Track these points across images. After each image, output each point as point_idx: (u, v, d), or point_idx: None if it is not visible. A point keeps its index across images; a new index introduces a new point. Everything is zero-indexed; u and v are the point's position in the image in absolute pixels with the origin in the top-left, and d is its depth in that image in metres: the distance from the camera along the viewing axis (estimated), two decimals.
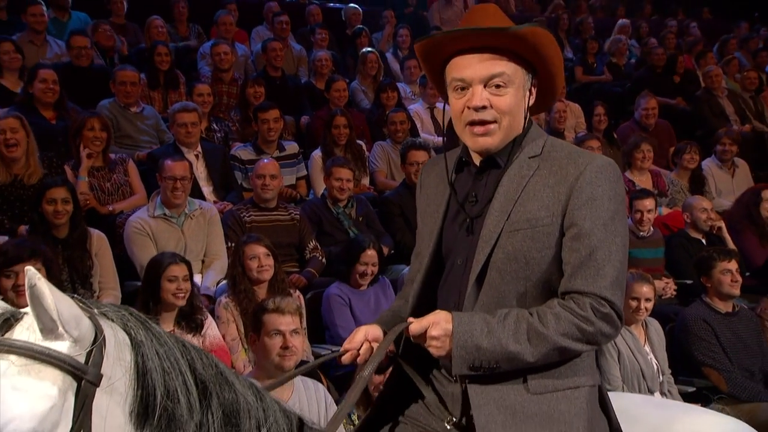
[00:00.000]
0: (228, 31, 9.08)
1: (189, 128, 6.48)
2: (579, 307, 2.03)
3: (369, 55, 8.94)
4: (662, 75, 10.40)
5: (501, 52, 2.11)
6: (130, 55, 8.42)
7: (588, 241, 2.05)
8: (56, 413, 1.55)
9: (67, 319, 1.57)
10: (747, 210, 7.01)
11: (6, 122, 5.64)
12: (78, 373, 1.58)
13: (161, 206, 5.64)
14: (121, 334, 1.71)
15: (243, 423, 1.85)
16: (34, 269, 1.54)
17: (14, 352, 1.56)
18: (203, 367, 1.82)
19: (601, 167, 2.11)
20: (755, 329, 5.44)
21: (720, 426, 2.64)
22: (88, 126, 6.10)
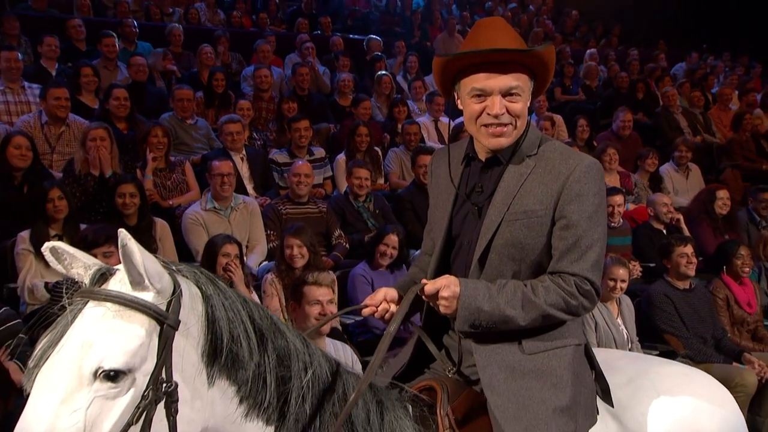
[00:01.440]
0: (266, 57, 9.12)
1: (234, 136, 6.57)
2: (566, 284, 2.08)
3: (383, 77, 8.99)
4: (626, 95, 10.43)
5: (514, 66, 2.11)
6: (184, 78, 8.47)
7: (575, 231, 2.09)
8: (144, 350, 1.59)
9: (152, 274, 1.61)
10: (704, 206, 7.06)
11: (96, 132, 5.72)
12: (161, 318, 1.62)
13: (211, 200, 5.72)
14: (194, 288, 1.74)
15: (293, 365, 1.87)
16: (126, 231, 1.59)
17: (110, 300, 1.60)
18: (260, 317, 1.84)
19: (588, 167, 2.13)
20: (708, 303, 5.50)
21: (685, 373, 2.64)
22: (152, 134, 6.18)
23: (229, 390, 1.76)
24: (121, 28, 9.02)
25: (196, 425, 1.70)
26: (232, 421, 1.78)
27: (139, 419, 1.56)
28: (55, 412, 1.49)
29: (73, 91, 7.09)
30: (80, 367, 1.53)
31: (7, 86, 6.95)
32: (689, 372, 2.66)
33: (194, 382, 1.69)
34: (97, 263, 1.70)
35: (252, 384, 1.78)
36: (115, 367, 1.53)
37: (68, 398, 1.50)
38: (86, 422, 1.50)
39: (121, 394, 1.55)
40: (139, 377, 1.58)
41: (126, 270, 1.61)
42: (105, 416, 1.53)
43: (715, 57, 14.47)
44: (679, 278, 5.42)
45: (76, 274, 1.69)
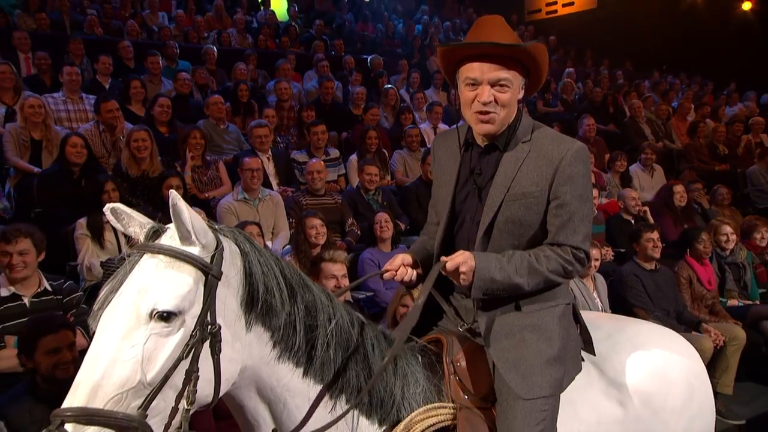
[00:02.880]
0: (287, 73, 9.13)
1: (263, 138, 6.58)
2: (564, 253, 2.08)
3: (390, 90, 9.00)
4: (599, 107, 10.40)
5: (506, 60, 2.05)
6: (218, 90, 8.46)
7: (568, 209, 2.08)
8: (192, 296, 1.61)
9: (198, 230, 1.63)
10: (665, 200, 7.07)
11: (138, 134, 5.72)
12: (206, 269, 1.64)
13: (242, 192, 5.72)
14: (233, 246, 1.75)
15: (319, 315, 1.87)
16: (176, 192, 1.61)
17: (162, 253, 1.63)
18: (290, 274, 1.85)
19: (578, 152, 2.10)
20: (671, 282, 5.48)
21: (656, 330, 2.66)
22: (191, 136, 6.20)
23: (264, 335, 1.77)
24: (164, 49, 9.03)
25: (236, 364, 1.72)
26: (267, 362, 1.79)
27: (188, 355, 1.58)
28: (117, 346, 1.53)
29: (123, 101, 7.14)
30: (138, 308, 1.56)
31: (68, 96, 6.98)
32: (660, 329, 2.69)
33: (234, 326, 1.70)
34: (150, 222, 1.72)
35: (284, 330, 1.80)
36: (167, 309, 1.56)
37: (128, 335, 1.54)
38: (143, 355, 1.53)
39: (173, 332, 1.58)
40: (188, 319, 1.60)
41: (176, 226, 1.63)
42: (159, 351, 1.56)
43: (673, 76, 14.44)
44: (647, 260, 5.40)
45: (132, 232, 1.72)
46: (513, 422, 1.98)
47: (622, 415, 2.31)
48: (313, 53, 10.63)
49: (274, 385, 1.82)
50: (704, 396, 2.57)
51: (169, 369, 1.55)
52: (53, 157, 5.84)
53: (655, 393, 2.38)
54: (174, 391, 1.58)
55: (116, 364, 1.51)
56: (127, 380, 1.51)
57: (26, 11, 9.57)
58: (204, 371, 1.62)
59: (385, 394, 1.97)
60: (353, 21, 14.11)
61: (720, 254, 6.02)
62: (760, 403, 5.37)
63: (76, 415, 1.46)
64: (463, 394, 2.08)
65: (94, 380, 1.50)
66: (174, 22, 11.06)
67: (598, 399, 2.30)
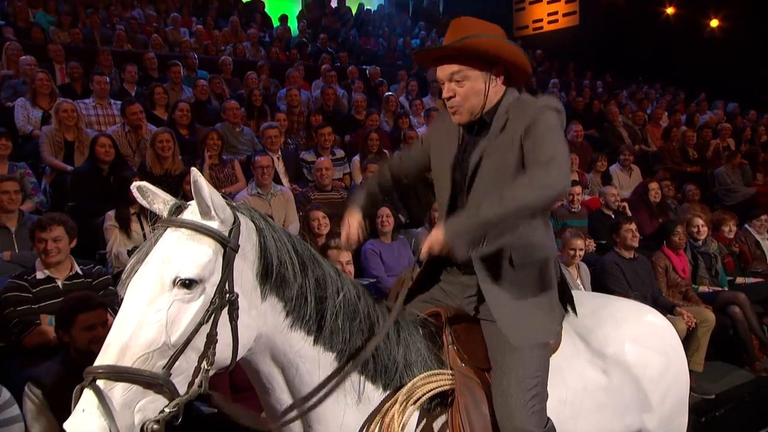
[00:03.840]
0: (296, 82, 9.10)
1: (273, 139, 6.53)
2: (533, 171, 1.87)
3: (390, 97, 8.97)
4: (581, 114, 10.38)
5: (459, 57, 2.04)
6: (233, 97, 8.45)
7: (540, 146, 1.91)
8: (212, 265, 1.60)
9: (217, 206, 1.62)
10: (641, 196, 7.06)
11: (162, 135, 5.72)
12: (224, 241, 1.63)
13: (255, 187, 5.68)
14: (249, 222, 1.73)
15: (328, 287, 1.86)
16: (197, 170, 1.59)
17: (184, 226, 1.63)
18: (301, 249, 1.83)
19: (546, 103, 2.00)
20: (648, 270, 5.46)
21: (635, 306, 2.67)
22: (210, 137, 6.16)
23: (277, 305, 1.76)
24: (184, 60, 9.00)
25: (252, 330, 1.71)
26: (280, 330, 1.78)
27: (209, 320, 1.58)
28: (144, 310, 1.53)
29: (148, 106, 7.14)
30: (162, 276, 1.56)
31: (98, 102, 7.01)
32: (640, 306, 2.70)
33: (250, 296, 1.69)
34: (173, 199, 1.72)
35: (296, 301, 1.78)
36: (189, 276, 1.56)
37: (153, 301, 1.54)
38: (167, 319, 1.53)
39: (194, 299, 1.58)
40: (208, 287, 1.59)
41: (196, 202, 1.62)
42: (182, 316, 1.56)
43: (648, 86, 14.43)
44: (626, 249, 5.39)
45: (157, 208, 1.72)
46: (508, 399, 1.97)
47: (605, 382, 2.31)
48: (320, 64, 10.61)
49: (287, 351, 1.81)
50: (679, 367, 2.57)
51: (191, 332, 1.55)
52: (84, 156, 5.85)
53: (635, 363, 2.39)
54: (196, 353, 1.58)
55: (143, 327, 1.51)
56: (153, 341, 1.51)
57: (61, 27, 9.60)
58: (223, 336, 1.62)
59: (389, 361, 1.96)
60: (357, 36, 14.10)
61: (693, 244, 6.01)
62: (727, 380, 5.37)
63: (106, 372, 1.47)
64: (460, 362, 2.07)
65: (123, 341, 1.50)
66: (194, 36, 11.05)
67: (584, 368, 2.29)
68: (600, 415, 2.27)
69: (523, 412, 1.94)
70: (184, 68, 8.64)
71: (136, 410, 1.49)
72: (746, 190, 8.66)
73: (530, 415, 1.95)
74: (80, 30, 9.75)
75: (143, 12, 11.46)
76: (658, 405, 2.44)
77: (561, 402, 2.16)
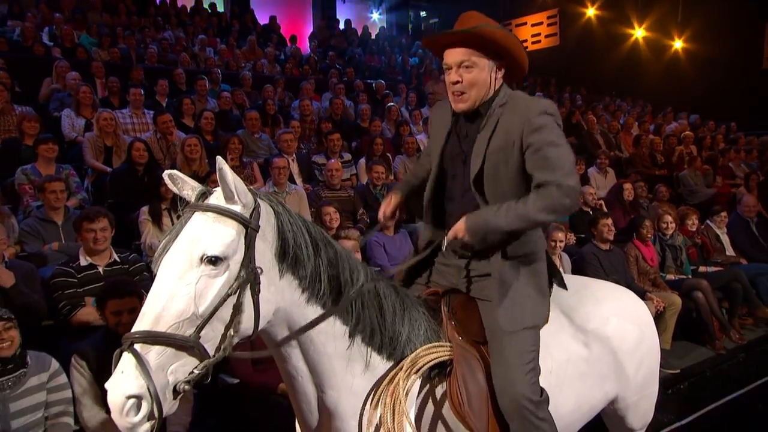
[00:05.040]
0: (308, 93, 9.08)
1: (288, 143, 6.50)
2: (546, 191, 1.87)
3: (392, 107, 8.93)
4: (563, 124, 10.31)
5: (468, 45, 1.97)
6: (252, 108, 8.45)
7: (541, 153, 1.89)
8: (235, 245, 1.58)
9: (240, 191, 1.60)
10: (616, 195, 7.04)
11: (190, 140, 5.72)
12: (246, 223, 1.60)
13: (272, 186, 5.65)
14: (268, 207, 1.71)
15: (340, 265, 1.83)
16: (222, 159, 1.57)
17: (210, 210, 1.60)
18: (315, 232, 1.81)
19: (543, 106, 1.95)
20: (622, 260, 5.45)
21: (613, 287, 2.67)
22: (231, 142, 6.12)
23: (293, 282, 1.74)
24: (209, 75, 8.98)
25: (272, 304, 1.69)
26: (298, 305, 1.76)
27: (234, 293, 1.57)
28: (175, 284, 1.52)
29: (177, 115, 7.13)
30: (191, 254, 1.55)
31: (133, 112, 7.01)
32: (617, 287, 2.70)
33: (270, 273, 1.67)
34: (200, 186, 1.69)
35: (310, 279, 1.76)
36: (215, 254, 1.54)
37: (183, 275, 1.53)
38: (195, 292, 1.52)
39: (220, 274, 1.56)
40: (232, 264, 1.58)
41: (221, 187, 1.60)
42: (209, 289, 1.54)
43: (621, 99, 14.40)
44: (603, 242, 5.37)
45: (186, 194, 1.69)
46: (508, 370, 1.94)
47: (587, 354, 2.30)
48: (329, 78, 10.59)
49: (302, 324, 1.79)
50: (652, 341, 2.57)
51: (217, 303, 1.54)
52: (121, 159, 5.87)
53: (613, 337, 2.38)
54: (221, 323, 1.56)
55: (174, 299, 1.50)
56: (183, 312, 1.50)
57: (101, 47, 9.62)
58: (246, 308, 1.60)
59: (393, 334, 1.94)
60: (362, 54, 14.07)
61: (662, 238, 6.00)
62: (691, 357, 5.41)
63: (143, 336, 1.46)
64: (458, 335, 2.06)
65: (156, 311, 1.49)
66: (218, 54, 11.03)
67: (568, 341, 2.28)
68: (581, 384, 2.26)
69: (524, 382, 1.93)
70: (209, 82, 8.64)
71: (169, 372, 1.48)
72: (707, 191, 8.65)
73: (530, 384, 1.94)
74: (118, 49, 9.75)
75: (173, 34, 11.45)
76: (633, 374, 2.44)
77: (547, 372, 2.15)
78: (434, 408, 1.97)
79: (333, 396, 1.87)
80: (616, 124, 10.87)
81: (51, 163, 5.16)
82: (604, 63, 14.62)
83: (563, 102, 12.28)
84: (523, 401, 1.91)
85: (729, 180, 9.45)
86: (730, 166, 9.93)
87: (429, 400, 1.97)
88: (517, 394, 1.92)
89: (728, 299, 6.01)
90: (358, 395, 1.89)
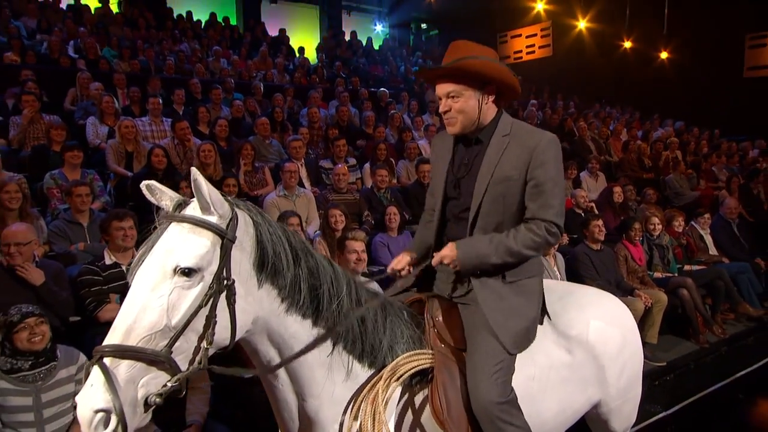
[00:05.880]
0: (316, 102, 9.09)
1: (297, 149, 6.51)
2: (537, 228, 1.93)
3: (395, 115, 8.92)
4: (555, 130, 10.30)
5: (454, 77, 1.97)
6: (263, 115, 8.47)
7: (542, 189, 1.92)
8: (209, 256, 1.51)
9: (215, 202, 1.52)
10: (606, 198, 7.04)
11: (206, 146, 5.76)
12: (222, 233, 1.53)
13: (283, 189, 5.66)
14: (247, 217, 1.63)
15: (321, 275, 1.76)
16: (196, 170, 1.51)
17: (185, 221, 1.53)
18: (295, 242, 1.72)
19: (549, 141, 1.96)
20: (612, 259, 5.45)
21: (598, 293, 2.56)
22: (244, 148, 6.18)
23: (272, 292, 1.66)
24: (223, 84, 9.01)
25: (249, 314, 1.62)
26: (277, 314, 1.68)
27: (207, 303, 1.49)
28: (147, 296, 1.45)
29: (193, 123, 7.15)
30: (164, 265, 1.47)
31: (152, 120, 7.04)
32: (601, 293, 2.57)
33: (247, 283, 1.60)
34: (178, 196, 1.62)
35: (289, 288, 1.68)
36: (188, 265, 1.47)
37: (156, 287, 1.46)
38: (168, 304, 1.45)
39: (193, 286, 1.48)
40: (206, 275, 1.50)
41: (197, 198, 1.53)
42: (182, 301, 1.47)
43: (610, 107, 14.38)
44: (594, 242, 5.36)
45: (164, 204, 1.61)
46: (476, 372, 1.89)
47: (569, 360, 2.22)
48: (335, 87, 10.60)
49: (282, 333, 1.71)
50: (635, 346, 2.47)
51: (190, 315, 1.46)
52: (141, 164, 5.89)
53: (596, 342, 2.29)
54: (195, 334, 1.49)
55: (146, 311, 1.43)
56: (155, 324, 1.43)
57: (122, 59, 9.67)
58: (221, 319, 1.53)
59: (375, 342, 1.86)
60: (366, 64, 14.08)
61: (650, 238, 6.00)
62: (676, 350, 5.42)
63: (112, 350, 1.39)
64: (440, 342, 1.99)
65: (128, 323, 1.42)
66: (231, 65, 11.07)
67: (551, 348, 2.19)
68: (564, 389, 2.19)
69: (488, 383, 1.86)
70: (222, 91, 8.66)
71: (139, 385, 1.41)
72: (692, 194, 8.66)
73: (494, 386, 1.86)
74: (138, 61, 9.80)
75: (189, 46, 11.48)
76: (616, 379, 2.35)
77: (530, 378, 2.08)
78: (414, 416, 1.90)
79: (314, 404, 1.80)
80: (605, 130, 10.87)
81: (77, 168, 5.20)
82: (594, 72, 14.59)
83: (556, 109, 12.27)
84: (487, 404, 1.84)
85: (712, 183, 9.45)
86: (713, 170, 9.92)
87: (409, 408, 1.90)
88: (481, 396, 1.85)
89: (711, 296, 6.02)
90: (339, 403, 1.82)
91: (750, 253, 6.76)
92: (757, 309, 6.21)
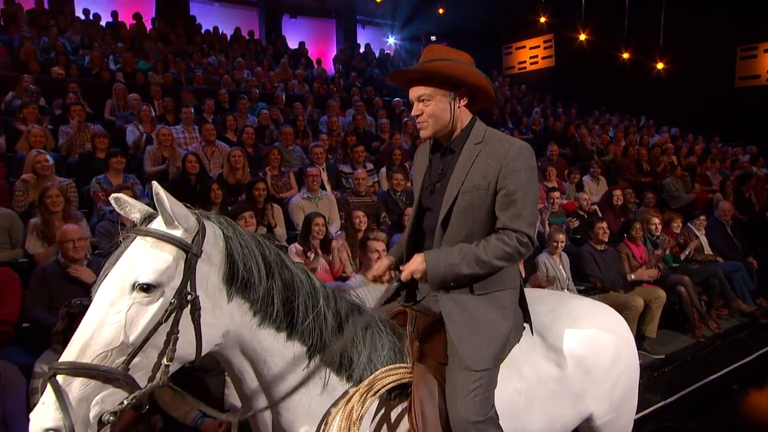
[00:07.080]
0: (334, 110, 9.11)
1: (319, 155, 6.57)
2: (508, 238, 1.75)
3: (408, 122, 8.87)
4: (558, 136, 10.27)
5: (424, 80, 1.82)
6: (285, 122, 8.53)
7: (513, 198, 1.75)
8: (171, 271, 1.40)
9: (178, 216, 1.42)
10: (607, 201, 7.01)
11: (235, 152, 5.82)
12: (185, 247, 1.42)
13: (306, 192, 5.73)
14: (217, 230, 1.52)
15: (296, 289, 1.63)
16: (158, 184, 1.40)
17: (149, 235, 1.43)
18: (269, 254, 1.59)
19: (520, 149, 1.78)
20: (615, 258, 5.44)
21: (592, 305, 2.31)
22: (271, 154, 6.23)
23: (244, 305, 1.55)
24: (248, 94, 9.08)
25: (217, 329, 1.51)
26: (249, 328, 1.57)
27: (168, 319, 1.39)
28: (105, 311, 1.35)
29: (221, 130, 7.24)
30: (123, 281, 1.38)
31: (185, 128, 7.12)
32: (596, 304, 2.33)
33: (215, 296, 1.49)
34: (147, 209, 1.51)
35: (262, 302, 1.56)
36: (146, 281, 1.37)
37: (114, 303, 1.36)
38: (126, 320, 1.35)
39: (153, 302, 1.38)
40: (167, 291, 1.40)
41: (160, 212, 1.43)
42: (140, 317, 1.37)
43: (610, 114, 14.30)
44: (598, 243, 5.36)
45: (134, 217, 1.50)
46: (454, 389, 1.75)
47: (558, 374, 2.03)
48: (351, 96, 10.62)
49: (255, 347, 1.59)
50: (630, 358, 2.24)
51: (149, 332, 1.36)
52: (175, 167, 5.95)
53: (587, 356, 2.09)
54: (156, 351, 1.38)
55: (103, 327, 1.33)
56: (112, 340, 1.33)
57: (156, 71, 9.80)
58: (185, 334, 1.42)
59: (354, 355, 1.73)
60: (380, 73, 14.11)
61: (650, 238, 5.98)
62: (674, 344, 5.42)
63: (66, 368, 1.30)
64: (421, 356, 1.83)
65: (84, 340, 1.33)
66: (255, 76, 11.14)
67: (539, 361, 2.01)
68: (552, 404, 2.01)
69: (466, 401, 1.71)
70: (248, 101, 8.73)
71: (93, 403, 1.31)
72: (687, 197, 8.58)
73: (472, 403, 1.70)
74: (170, 74, 9.92)
75: (216, 58, 11.59)
76: (609, 392, 2.15)
77: (516, 392, 1.92)
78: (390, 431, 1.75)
79: (288, 417, 1.67)
80: (605, 136, 10.81)
81: (119, 173, 5.30)
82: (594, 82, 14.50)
83: (559, 116, 12.22)
84: (464, 422, 1.69)
85: (706, 187, 9.37)
86: (707, 174, 9.84)
87: (385, 423, 1.75)
88: (458, 415, 1.70)
89: (707, 293, 5.99)
90: (314, 417, 1.68)
91: (743, 253, 6.73)
92: (749, 305, 6.18)
